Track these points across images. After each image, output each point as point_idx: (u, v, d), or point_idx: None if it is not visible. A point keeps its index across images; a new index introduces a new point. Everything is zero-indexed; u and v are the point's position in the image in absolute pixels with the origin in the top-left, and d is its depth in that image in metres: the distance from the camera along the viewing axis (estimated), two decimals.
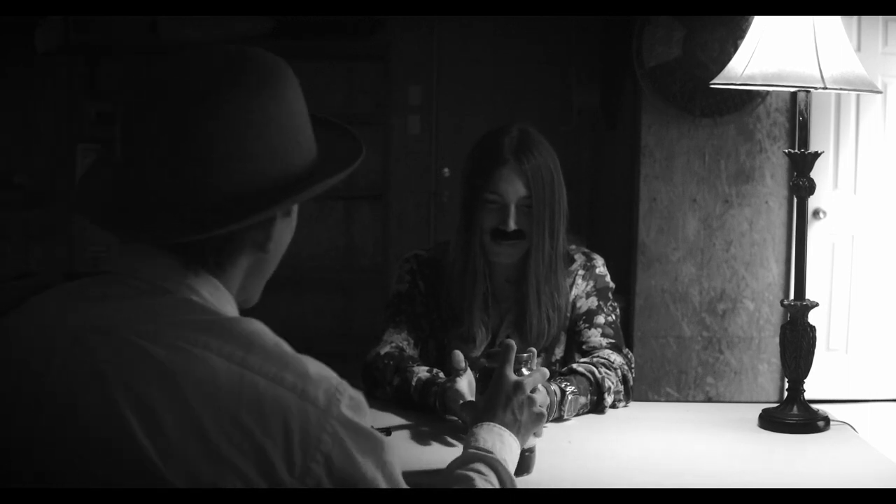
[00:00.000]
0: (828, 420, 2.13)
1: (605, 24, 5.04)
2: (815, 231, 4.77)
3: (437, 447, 1.93)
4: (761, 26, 2.13)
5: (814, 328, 2.17)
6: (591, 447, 1.97)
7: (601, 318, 2.29)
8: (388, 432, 1.98)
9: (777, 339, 2.32)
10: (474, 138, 2.31)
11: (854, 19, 4.67)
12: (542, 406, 1.70)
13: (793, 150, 2.17)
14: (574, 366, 2.18)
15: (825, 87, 2.05)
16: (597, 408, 2.16)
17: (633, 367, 2.27)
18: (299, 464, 1.04)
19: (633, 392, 2.25)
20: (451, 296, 2.29)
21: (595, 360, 2.21)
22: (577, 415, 2.13)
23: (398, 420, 2.07)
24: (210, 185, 1.10)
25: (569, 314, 2.31)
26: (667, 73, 4.53)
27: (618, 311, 2.35)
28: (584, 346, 2.28)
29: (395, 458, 1.13)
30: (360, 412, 1.09)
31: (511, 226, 2.18)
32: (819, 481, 1.80)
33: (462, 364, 2.03)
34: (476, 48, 5.29)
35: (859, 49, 4.65)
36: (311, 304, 5.25)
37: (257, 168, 1.12)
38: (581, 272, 2.32)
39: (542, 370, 1.77)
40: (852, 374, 4.87)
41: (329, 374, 1.10)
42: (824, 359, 4.53)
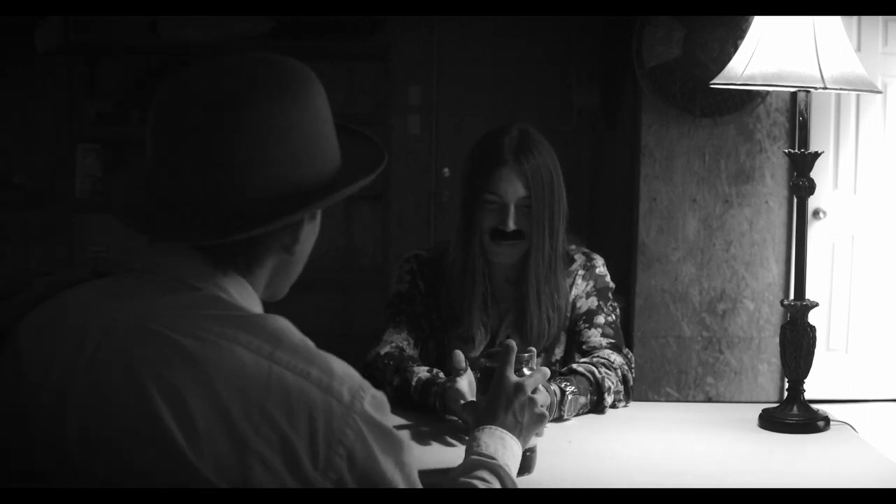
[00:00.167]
0: (828, 420, 2.13)
1: (605, 24, 5.03)
2: (815, 231, 4.77)
3: (437, 447, 1.93)
4: (761, 26, 2.13)
5: (814, 328, 2.17)
6: (591, 447, 1.97)
7: (601, 318, 2.29)
8: None
9: (777, 339, 2.31)
10: (474, 138, 2.31)
11: (854, 19, 4.67)
12: (543, 406, 1.70)
13: (793, 150, 2.17)
14: (574, 366, 2.18)
15: (825, 87, 2.05)
16: (597, 408, 2.16)
17: (633, 367, 2.27)
18: (323, 456, 1.06)
19: (633, 392, 2.25)
20: (451, 296, 2.29)
21: (595, 360, 2.21)
22: (577, 415, 2.13)
23: (398, 420, 2.07)
24: (238, 190, 1.13)
25: (569, 314, 2.31)
26: (667, 73, 4.53)
27: (618, 311, 2.35)
28: (584, 346, 2.28)
29: (414, 459, 1.15)
30: (382, 411, 1.12)
31: (510, 226, 2.18)
32: (819, 481, 1.80)
33: (462, 364, 2.03)
34: (476, 48, 5.29)
35: (859, 49, 4.65)
36: (311, 304, 5.24)
37: (284, 173, 1.15)
38: (581, 272, 2.32)
39: (543, 370, 1.77)
40: (852, 374, 4.87)
41: (353, 372, 1.12)
42: (824, 359, 4.53)
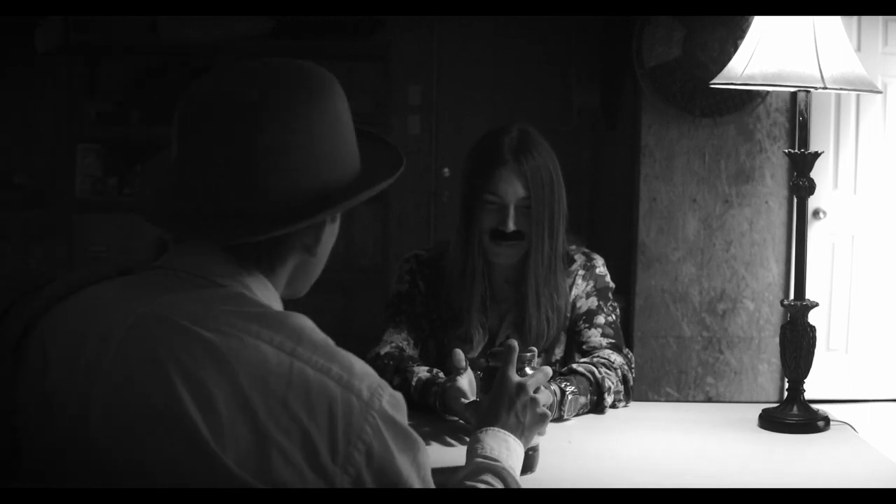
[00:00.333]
0: (828, 420, 2.13)
1: (605, 24, 5.03)
2: (815, 231, 4.77)
3: (436, 447, 1.93)
4: (761, 26, 2.13)
5: (814, 328, 2.17)
6: (591, 447, 1.97)
7: (601, 318, 2.29)
8: None
9: (777, 339, 2.31)
10: (474, 138, 2.30)
11: (854, 19, 4.67)
12: (545, 406, 1.70)
13: (793, 150, 2.17)
14: (574, 366, 2.18)
15: (825, 87, 2.05)
16: (597, 408, 2.16)
17: (633, 367, 2.27)
18: (342, 450, 1.08)
19: (633, 392, 2.26)
20: (451, 296, 2.29)
21: (595, 360, 2.21)
22: (577, 415, 2.13)
23: None
24: (263, 191, 1.16)
25: (569, 314, 2.31)
26: (667, 73, 4.53)
27: (618, 311, 2.35)
28: (584, 346, 2.28)
29: (428, 460, 1.17)
30: (399, 410, 1.13)
31: (510, 226, 2.18)
32: (819, 481, 1.80)
33: (463, 363, 2.03)
34: (476, 48, 5.29)
35: (859, 49, 4.64)
36: (311, 303, 5.20)
37: (308, 175, 1.17)
38: (581, 272, 2.32)
39: (545, 369, 1.77)
40: (852, 374, 4.87)
41: (372, 372, 1.14)
42: (824, 359, 4.53)
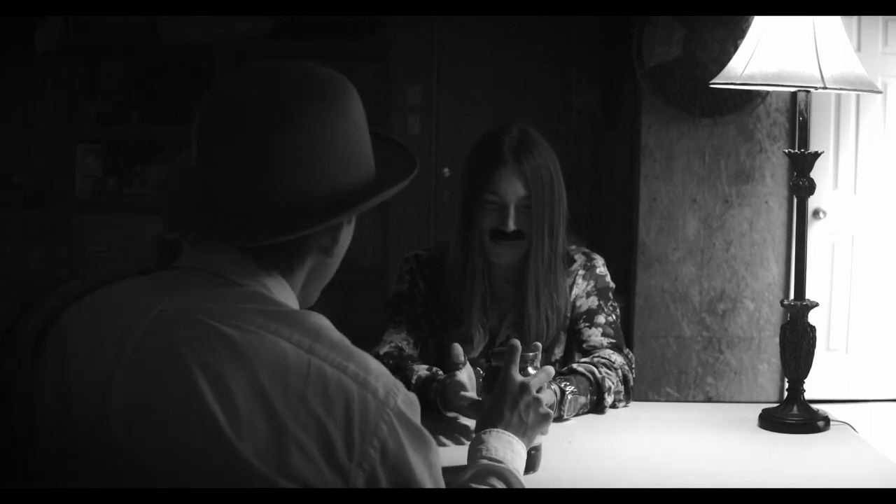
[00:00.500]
0: (828, 420, 2.13)
1: (605, 24, 5.03)
2: (815, 231, 4.77)
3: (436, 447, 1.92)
4: (761, 26, 2.13)
5: (814, 328, 2.17)
6: (591, 447, 1.97)
7: (602, 318, 2.29)
8: None
9: (777, 339, 2.31)
10: (474, 138, 2.30)
11: (854, 19, 4.67)
12: (548, 406, 1.70)
13: (793, 150, 2.17)
14: (574, 366, 2.18)
15: (825, 87, 2.05)
16: (597, 408, 2.16)
17: (633, 367, 2.27)
18: (358, 446, 1.09)
19: (633, 392, 2.26)
20: (451, 296, 2.29)
21: (596, 359, 2.21)
22: (577, 415, 2.13)
23: None
24: (282, 193, 1.17)
25: (569, 314, 2.31)
26: (667, 73, 4.53)
27: (618, 311, 2.35)
28: (584, 346, 2.28)
29: (439, 460, 1.18)
30: (413, 410, 1.15)
31: (510, 226, 2.18)
32: (819, 481, 1.80)
33: (461, 358, 2.03)
34: (476, 48, 5.29)
35: (859, 49, 4.64)
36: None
37: (325, 178, 1.19)
38: (581, 272, 2.32)
39: (548, 369, 1.78)
40: (852, 374, 4.87)
41: (387, 371, 1.15)
42: (824, 359, 4.52)
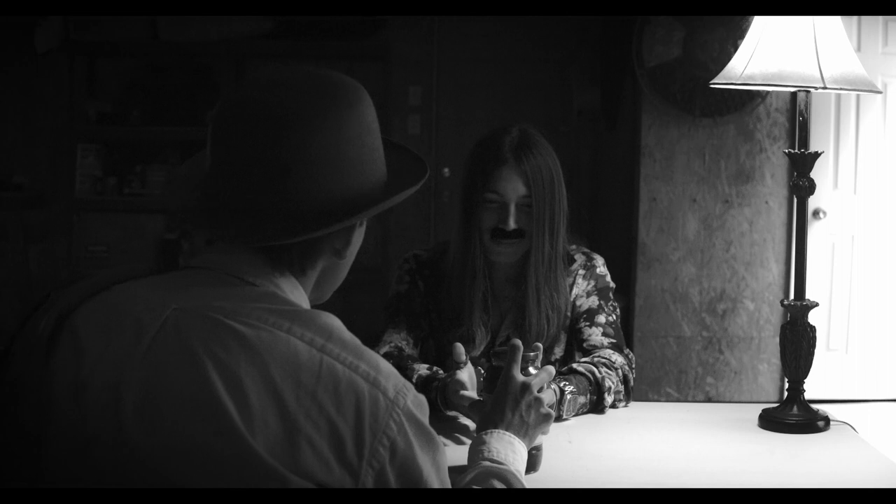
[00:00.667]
0: (828, 420, 2.13)
1: (604, 24, 5.03)
2: (815, 231, 4.77)
3: None
4: (761, 26, 2.13)
5: (814, 328, 2.17)
6: (591, 447, 1.97)
7: (602, 318, 2.29)
8: None
9: (777, 339, 2.32)
10: (474, 138, 2.30)
11: (854, 19, 4.67)
12: (549, 406, 1.70)
13: (793, 150, 2.17)
14: (574, 365, 2.18)
15: (825, 87, 2.05)
16: (597, 407, 2.16)
17: (633, 367, 2.27)
18: (368, 444, 1.10)
19: (633, 392, 2.25)
20: (451, 296, 2.28)
21: (596, 359, 2.21)
22: (577, 414, 2.13)
23: None
24: (295, 196, 1.19)
25: (569, 314, 2.31)
26: (667, 73, 4.53)
27: (618, 310, 2.35)
28: (584, 345, 2.28)
29: (446, 461, 1.19)
30: (422, 411, 1.16)
31: (511, 225, 2.18)
32: (819, 481, 1.80)
33: (463, 357, 2.03)
34: (476, 48, 5.29)
35: (859, 49, 4.64)
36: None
37: (338, 181, 1.21)
38: (581, 272, 2.32)
39: (549, 369, 1.78)
40: (852, 374, 4.87)
41: (397, 372, 1.17)
42: (824, 359, 4.53)
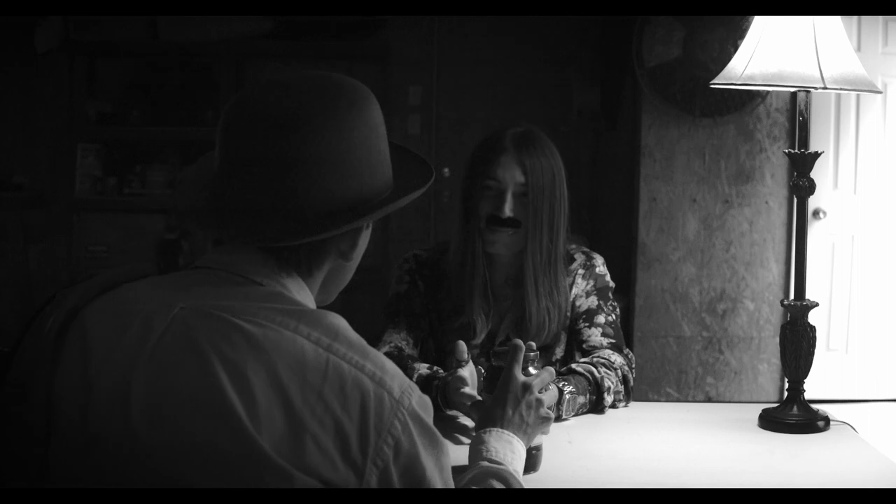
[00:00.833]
0: (828, 420, 2.13)
1: (604, 24, 5.03)
2: (815, 231, 4.77)
3: None
4: (761, 26, 2.13)
5: (814, 328, 2.17)
6: (591, 447, 1.97)
7: (601, 318, 2.29)
8: None
9: (777, 339, 2.31)
10: (474, 138, 2.32)
11: (854, 19, 4.67)
12: (549, 406, 1.70)
13: (793, 150, 2.17)
14: (573, 366, 2.18)
15: (825, 87, 2.05)
16: (596, 408, 2.16)
17: (633, 367, 2.27)
18: (373, 443, 1.11)
19: (633, 392, 2.25)
20: (452, 287, 2.28)
21: (595, 359, 2.21)
22: (577, 414, 2.13)
23: None
24: (303, 198, 1.20)
25: (568, 313, 2.31)
26: (667, 73, 4.52)
27: (618, 310, 2.34)
28: (584, 346, 2.28)
29: (450, 462, 1.20)
30: (427, 412, 1.17)
31: (506, 212, 2.19)
32: (819, 481, 1.80)
33: (465, 355, 2.03)
34: (476, 48, 5.29)
35: (859, 49, 4.64)
36: None
37: (345, 184, 1.22)
38: (581, 271, 2.32)
39: (549, 370, 1.78)
40: (852, 374, 4.87)
41: (402, 373, 1.18)
42: (824, 359, 4.53)
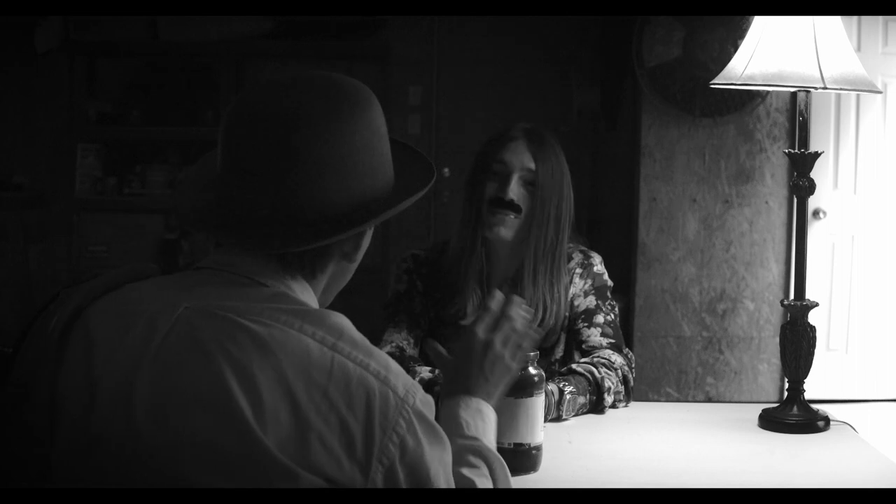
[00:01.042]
0: (828, 420, 2.13)
1: (604, 24, 5.03)
2: (815, 231, 4.77)
3: None
4: (761, 26, 2.13)
5: (814, 328, 2.17)
6: (591, 447, 1.97)
7: (600, 318, 2.29)
8: None
9: (777, 339, 2.31)
10: (474, 138, 2.32)
11: (854, 19, 4.67)
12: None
13: (793, 150, 2.17)
14: (574, 366, 2.18)
15: (825, 87, 2.05)
16: (596, 408, 2.16)
17: (633, 367, 2.27)
18: (378, 441, 1.12)
19: (633, 392, 2.25)
20: (450, 272, 2.28)
21: (595, 360, 2.21)
22: (577, 414, 2.13)
23: None
24: (306, 202, 1.20)
25: (567, 313, 2.31)
26: (667, 73, 4.52)
27: (616, 309, 2.34)
28: (583, 346, 2.28)
29: (451, 460, 1.20)
30: (430, 411, 1.17)
31: (509, 195, 2.19)
32: (819, 481, 1.80)
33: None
34: (476, 48, 5.29)
35: (859, 49, 4.64)
36: None
37: (351, 186, 1.22)
38: (578, 270, 2.32)
39: (516, 298, 1.56)
40: (852, 374, 4.87)
41: (405, 372, 1.18)
42: (824, 359, 4.53)
